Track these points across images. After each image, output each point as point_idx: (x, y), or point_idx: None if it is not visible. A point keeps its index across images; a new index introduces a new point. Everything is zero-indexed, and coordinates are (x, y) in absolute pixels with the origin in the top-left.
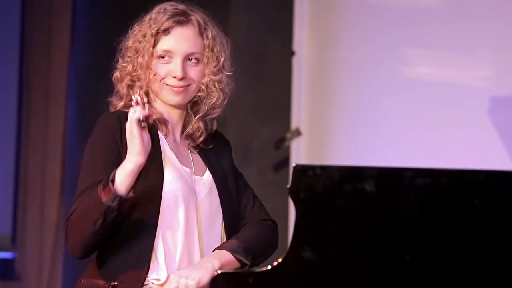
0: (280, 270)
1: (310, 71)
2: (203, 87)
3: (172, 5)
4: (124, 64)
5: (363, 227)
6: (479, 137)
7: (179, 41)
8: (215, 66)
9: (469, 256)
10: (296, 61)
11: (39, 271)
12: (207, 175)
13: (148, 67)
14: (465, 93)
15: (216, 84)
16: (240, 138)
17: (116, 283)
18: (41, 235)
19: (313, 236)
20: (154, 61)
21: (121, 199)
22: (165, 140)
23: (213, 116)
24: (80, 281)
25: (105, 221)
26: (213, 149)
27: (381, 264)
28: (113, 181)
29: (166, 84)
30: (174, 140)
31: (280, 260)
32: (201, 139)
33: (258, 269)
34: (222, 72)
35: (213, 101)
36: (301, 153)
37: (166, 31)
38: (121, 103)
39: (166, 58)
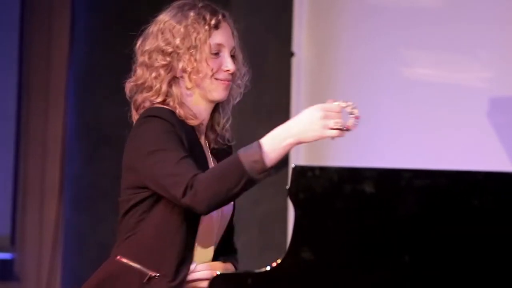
0: (279, 271)
1: (309, 72)
2: (240, 82)
3: (197, 3)
4: (163, 63)
5: (362, 228)
6: (478, 138)
7: (227, 35)
8: (242, 61)
9: (468, 256)
10: (295, 62)
11: (38, 272)
12: None
13: (206, 61)
14: (464, 94)
15: (243, 78)
16: (239, 139)
17: (157, 275)
18: (40, 236)
19: (312, 237)
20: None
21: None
22: (202, 143)
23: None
24: (115, 257)
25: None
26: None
27: (380, 264)
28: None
29: (217, 78)
30: (205, 141)
31: (279, 261)
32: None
33: (257, 270)
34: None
35: (238, 95)
36: (300, 154)
37: (218, 25)
38: (159, 99)
39: (217, 52)
